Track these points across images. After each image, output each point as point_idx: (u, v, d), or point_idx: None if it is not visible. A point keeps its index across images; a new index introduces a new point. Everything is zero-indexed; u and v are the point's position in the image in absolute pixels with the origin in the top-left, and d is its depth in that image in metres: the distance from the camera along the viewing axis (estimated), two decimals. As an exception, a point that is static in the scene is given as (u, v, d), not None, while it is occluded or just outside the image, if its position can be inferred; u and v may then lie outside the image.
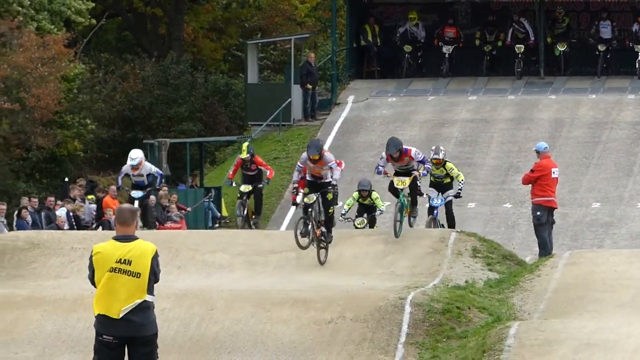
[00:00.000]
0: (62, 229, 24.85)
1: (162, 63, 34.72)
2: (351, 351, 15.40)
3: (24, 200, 27.17)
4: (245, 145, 20.84)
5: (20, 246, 21.23)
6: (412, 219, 18.70)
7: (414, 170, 18.27)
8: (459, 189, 20.43)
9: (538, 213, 20.04)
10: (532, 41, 34.84)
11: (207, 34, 40.40)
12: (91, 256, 8.44)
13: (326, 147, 28.80)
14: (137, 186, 22.98)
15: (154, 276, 8.43)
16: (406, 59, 33.62)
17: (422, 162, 18.41)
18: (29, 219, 25.95)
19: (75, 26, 31.87)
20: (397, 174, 18.39)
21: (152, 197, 25.06)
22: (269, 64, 36.67)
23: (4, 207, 25.88)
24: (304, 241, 17.01)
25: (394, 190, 18.42)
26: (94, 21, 33.95)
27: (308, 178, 17.72)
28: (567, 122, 32.37)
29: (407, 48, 34.08)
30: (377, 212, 21.89)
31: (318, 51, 38.10)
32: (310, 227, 17.24)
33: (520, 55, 34.28)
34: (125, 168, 22.74)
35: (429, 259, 18.41)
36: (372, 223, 21.80)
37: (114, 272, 8.33)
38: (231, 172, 23.10)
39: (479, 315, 16.12)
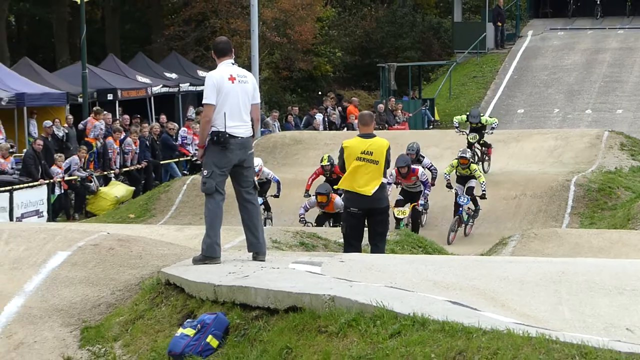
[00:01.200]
0: (317, 129, 26.63)
1: (391, 7, 39.56)
2: (530, 219, 17.46)
3: (290, 109, 30.61)
4: (326, 156, 16.84)
5: (287, 142, 24.12)
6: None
7: (420, 191, 15.55)
8: (483, 191, 16.54)
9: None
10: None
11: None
12: (342, 149, 9.32)
13: (510, 70, 32.60)
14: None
15: (387, 163, 9.25)
16: (571, 3, 36.53)
17: (424, 184, 15.50)
18: (293, 122, 28.41)
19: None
20: (397, 203, 15.40)
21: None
22: (470, 7, 40.34)
23: (277, 114, 28.53)
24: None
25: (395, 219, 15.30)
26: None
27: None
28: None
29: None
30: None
31: (506, -4, 40.19)
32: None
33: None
34: None
35: (588, 151, 20.41)
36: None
37: (360, 160, 9.04)
38: (309, 182, 17.06)
39: (625, 193, 17.86)
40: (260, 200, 14.67)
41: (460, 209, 16.15)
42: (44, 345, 6.99)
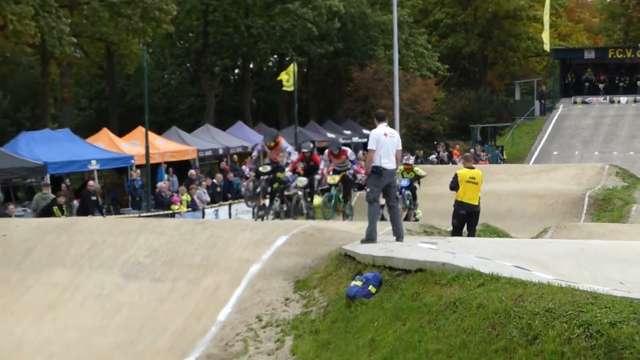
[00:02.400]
0: (433, 164, 30.59)
1: (478, 91, 45.55)
2: (561, 217, 20.79)
3: (417, 152, 35.40)
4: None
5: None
6: (347, 210, 15.27)
7: (348, 169, 14.98)
8: (423, 176, 18.02)
9: None
10: None
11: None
12: (455, 175, 12.34)
13: (549, 129, 37.58)
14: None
15: (480, 184, 12.23)
16: (585, 87, 41.97)
17: (353, 162, 15.00)
18: (419, 160, 32.36)
19: (438, 71, 42.41)
20: (334, 171, 15.09)
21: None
22: (526, 91, 45.77)
23: (408, 155, 30.91)
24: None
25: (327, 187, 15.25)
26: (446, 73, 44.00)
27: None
28: None
29: None
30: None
31: None
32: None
33: None
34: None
35: (596, 177, 24.72)
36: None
37: (468, 183, 12.11)
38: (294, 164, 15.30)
39: (619, 201, 21.96)
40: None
41: (403, 189, 16.84)
42: (273, 291, 8.25)
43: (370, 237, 8.83)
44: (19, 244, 10.31)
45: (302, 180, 14.19)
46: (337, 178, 14.85)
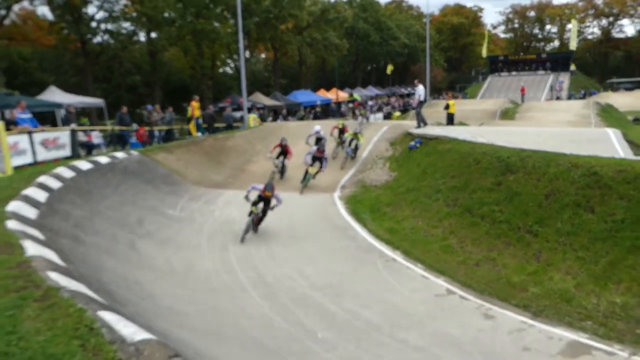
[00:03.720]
0: None
1: None
2: (489, 119, 33.81)
3: None
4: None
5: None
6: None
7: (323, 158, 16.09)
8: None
9: None
10: None
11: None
12: (447, 103, 21.97)
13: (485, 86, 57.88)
14: None
15: (455, 105, 23.40)
16: (503, 67, 71.39)
17: (326, 158, 16.16)
18: None
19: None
20: (312, 164, 16.19)
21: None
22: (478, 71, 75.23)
23: None
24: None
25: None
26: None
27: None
28: None
29: None
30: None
31: None
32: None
33: None
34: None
35: (502, 103, 42.29)
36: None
37: (452, 106, 22.06)
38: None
39: None
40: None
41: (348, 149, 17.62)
42: (382, 145, 17.73)
43: (419, 126, 18.33)
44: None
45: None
46: (315, 169, 15.91)
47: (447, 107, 22.84)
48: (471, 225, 11.39)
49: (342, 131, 18.45)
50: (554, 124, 27.83)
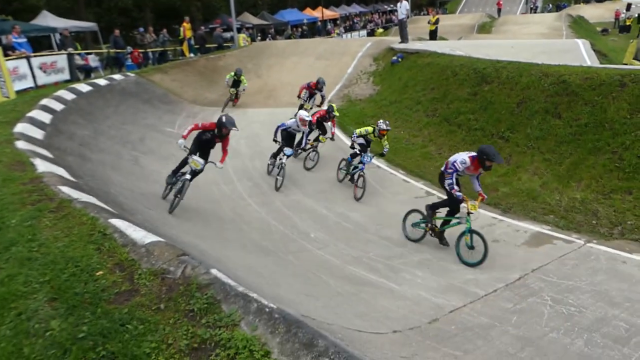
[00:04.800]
0: None
1: None
2: (467, 34, 31.32)
3: None
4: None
5: None
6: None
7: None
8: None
9: None
10: None
11: None
12: (430, 20, 21.63)
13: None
14: None
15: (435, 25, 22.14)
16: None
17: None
18: None
19: None
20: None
21: None
22: None
23: None
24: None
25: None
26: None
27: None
28: None
29: None
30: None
31: None
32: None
33: None
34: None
35: (479, 17, 41.41)
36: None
37: (433, 24, 22.77)
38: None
39: None
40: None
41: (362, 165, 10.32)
42: (365, 60, 17.72)
43: (402, 42, 18.29)
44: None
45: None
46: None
47: (437, 21, 21.90)
48: (449, 133, 11.54)
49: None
50: (528, 36, 27.54)
